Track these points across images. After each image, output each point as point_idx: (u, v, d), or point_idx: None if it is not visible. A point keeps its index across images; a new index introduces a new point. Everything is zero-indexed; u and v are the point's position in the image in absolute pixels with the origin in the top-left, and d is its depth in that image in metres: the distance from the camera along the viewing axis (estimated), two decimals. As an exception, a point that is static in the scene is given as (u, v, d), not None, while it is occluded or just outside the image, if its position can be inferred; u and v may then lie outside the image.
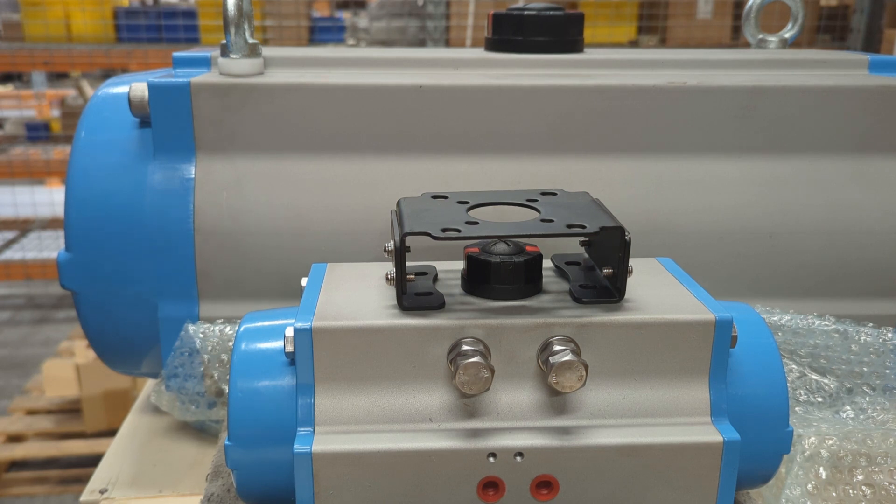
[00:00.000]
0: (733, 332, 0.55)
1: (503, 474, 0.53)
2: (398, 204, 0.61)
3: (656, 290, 0.59)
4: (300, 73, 0.83)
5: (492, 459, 0.53)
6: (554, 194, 0.64)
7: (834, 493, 0.64)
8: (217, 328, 0.77)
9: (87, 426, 2.48)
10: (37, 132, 3.97)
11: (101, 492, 0.80)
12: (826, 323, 0.78)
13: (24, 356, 3.26)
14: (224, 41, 0.80)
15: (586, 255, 0.64)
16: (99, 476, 0.82)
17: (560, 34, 0.90)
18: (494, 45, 0.92)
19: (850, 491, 0.65)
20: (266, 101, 0.78)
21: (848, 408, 0.73)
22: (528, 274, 0.57)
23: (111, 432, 1.80)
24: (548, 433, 0.53)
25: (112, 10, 3.17)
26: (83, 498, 0.79)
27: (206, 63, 0.85)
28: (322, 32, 3.43)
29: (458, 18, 3.10)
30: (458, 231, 0.54)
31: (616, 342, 0.55)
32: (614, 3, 3.32)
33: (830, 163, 0.83)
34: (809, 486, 0.64)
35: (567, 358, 0.51)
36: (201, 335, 0.76)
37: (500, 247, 0.58)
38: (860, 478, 0.65)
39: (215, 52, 0.83)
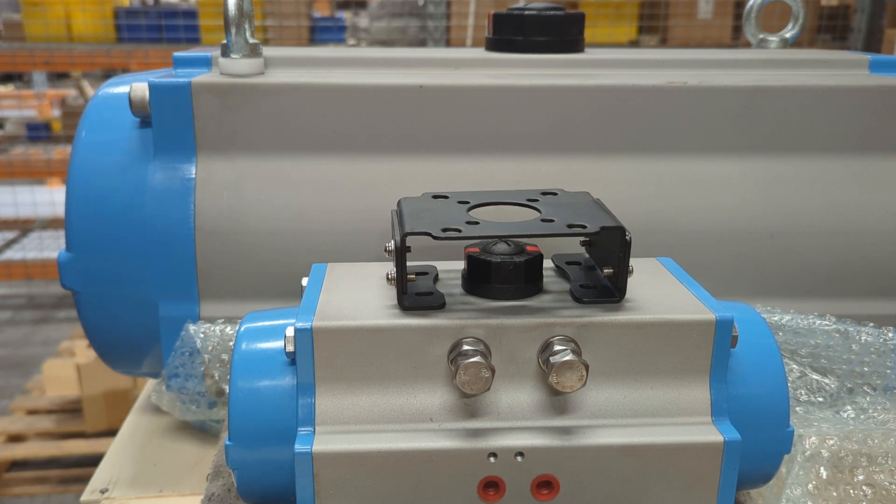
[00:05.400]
0: (734, 332, 0.55)
1: (504, 474, 0.53)
2: (399, 204, 0.61)
3: (657, 290, 0.59)
4: (301, 73, 0.83)
5: (492, 459, 0.53)
6: (554, 194, 0.64)
7: (835, 493, 0.64)
8: (218, 328, 0.77)
9: (87, 426, 2.48)
10: (37, 132, 3.97)
11: (102, 491, 0.80)
12: (827, 323, 0.78)
13: (24, 356, 3.26)
14: (225, 41, 0.80)
15: (587, 255, 0.64)
16: (99, 476, 0.82)
17: (560, 34, 0.90)
18: (495, 44, 0.92)
19: (851, 491, 0.65)
20: (267, 101, 0.78)
21: (849, 408, 0.73)
22: (529, 274, 0.57)
23: (112, 432, 1.80)
24: (548, 433, 0.53)
25: (113, 10, 3.17)
26: (84, 498, 0.79)
27: (206, 63, 0.85)
28: (322, 32, 3.43)
29: (458, 18, 3.10)
30: (459, 231, 0.54)
31: (617, 342, 0.55)
32: (615, 2, 3.32)
33: (831, 163, 0.83)
34: (810, 485, 0.64)
35: (568, 358, 0.51)
36: (202, 335, 0.76)
37: (501, 247, 0.58)
38: (861, 478, 0.65)
39: (216, 52, 0.83)
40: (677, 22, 3.33)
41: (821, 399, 0.75)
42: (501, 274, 0.57)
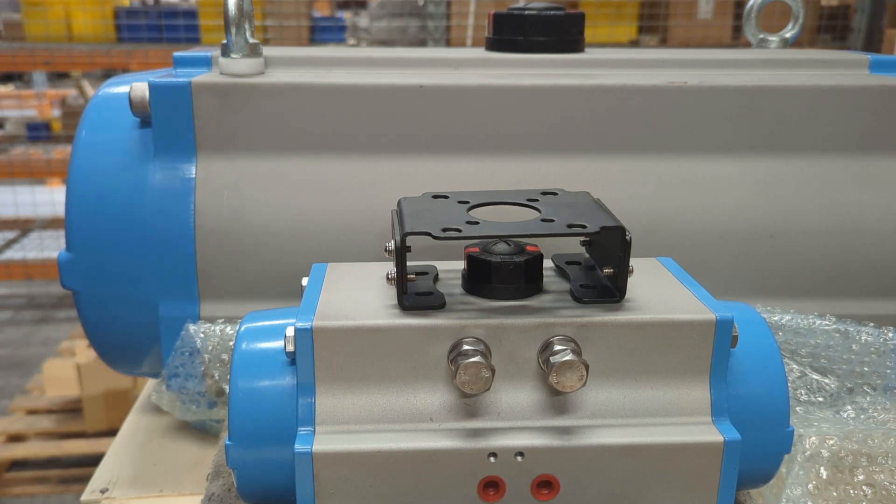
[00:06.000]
0: (734, 332, 0.55)
1: (504, 474, 0.53)
2: (399, 203, 0.61)
3: (657, 290, 0.59)
4: (301, 72, 0.83)
5: (492, 459, 0.53)
6: (554, 194, 0.64)
7: (835, 493, 0.64)
8: (218, 328, 0.77)
9: (87, 426, 2.48)
10: (37, 132, 3.97)
11: (102, 491, 0.80)
12: (827, 323, 0.78)
13: (24, 356, 3.26)
14: (225, 41, 0.80)
15: (587, 255, 0.64)
16: (100, 476, 0.82)
17: (561, 34, 0.90)
18: (495, 44, 0.92)
19: (851, 491, 0.65)
20: (267, 100, 0.78)
21: (849, 407, 0.73)
22: (529, 274, 0.57)
23: (112, 432, 1.80)
24: (548, 433, 0.53)
25: (113, 10, 3.17)
26: (84, 497, 0.79)
27: (206, 63, 0.85)
28: (323, 32, 3.43)
29: (458, 18, 3.10)
30: (459, 231, 0.54)
31: (617, 342, 0.55)
32: (615, 2, 3.32)
33: (831, 163, 0.83)
34: (810, 485, 0.64)
35: (568, 358, 0.51)
36: (202, 335, 0.76)
37: (501, 246, 0.58)
38: (861, 478, 0.65)
39: (216, 52, 0.83)
40: (677, 22, 3.33)
41: (821, 399, 0.75)
42: (501, 274, 0.57)
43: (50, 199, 3.74)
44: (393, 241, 0.55)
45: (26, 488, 2.43)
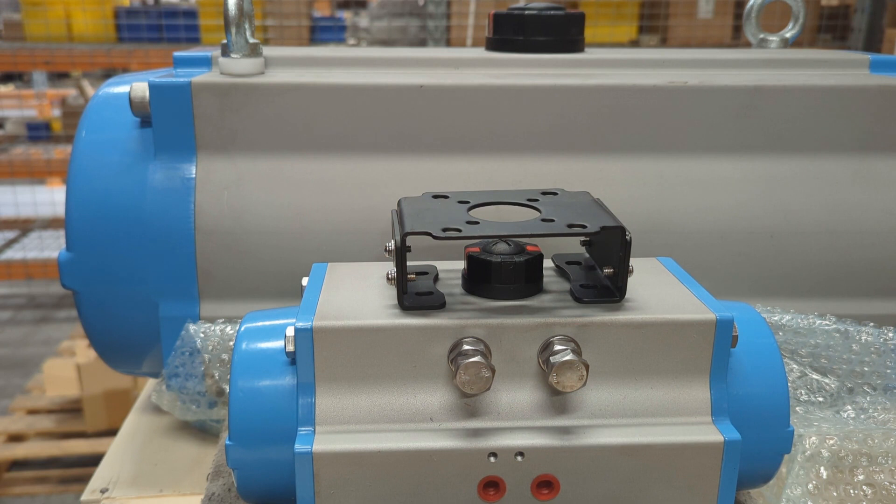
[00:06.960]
0: (734, 332, 0.55)
1: (504, 474, 0.53)
2: (399, 203, 0.61)
3: (657, 290, 0.59)
4: (301, 72, 0.83)
5: (492, 459, 0.53)
6: (555, 194, 0.64)
7: (835, 493, 0.64)
8: (218, 328, 0.77)
9: (87, 426, 2.48)
10: (38, 132, 3.98)
11: (102, 491, 0.80)
12: (827, 322, 0.78)
13: (24, 356, 3.27)
14: (225, 41, 0.80)
15: (587, 255, 0.64)
16: (100, 475, 0.82)
17: (561, 34, 0.90)
18: (495, 44, 0.92)
19: (851, 491, 0.65)
20: (267, 100, 0.78)
21: (849, 407, 0.73)
22: (529, 273, 0.57)
23: (112, 432, 1.81)
24: (548, 433, 0.53)
25: (113, 10, 3.17)
26: (84, 497, 0.79)
27: (206, 63, 0.85)
28: (323, 32, 3.43)
29: (458, 18, 3.10)
30: (459, 231, 0.54)
31: (617, 342, 0.55)
32: (615, 2, 3.32)
33: (831, 162, 0.83)
34: (810, 485, 0.64)
35: (568, 357, 0.51)
36: (202, 335, 0.76)
37: (501, 246, 0.58)
38: (861, 477, 0.65)
39: (216, 52, 0.83)
40: (677, 22, 3.33)
41: (821, 399, 0.75)
42: (501, 274, 0.57)
43: (50, 198, 3.74)
44: (393, 241, 0.55)
45: (26, 488, 2.43)
